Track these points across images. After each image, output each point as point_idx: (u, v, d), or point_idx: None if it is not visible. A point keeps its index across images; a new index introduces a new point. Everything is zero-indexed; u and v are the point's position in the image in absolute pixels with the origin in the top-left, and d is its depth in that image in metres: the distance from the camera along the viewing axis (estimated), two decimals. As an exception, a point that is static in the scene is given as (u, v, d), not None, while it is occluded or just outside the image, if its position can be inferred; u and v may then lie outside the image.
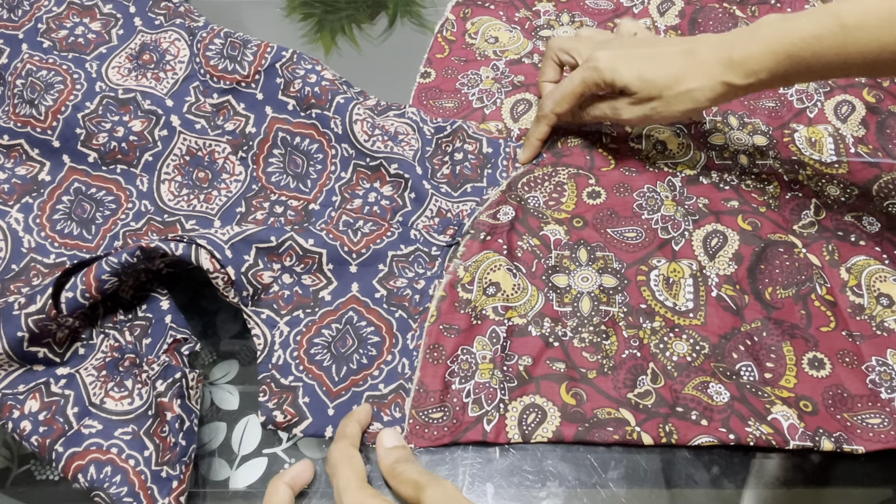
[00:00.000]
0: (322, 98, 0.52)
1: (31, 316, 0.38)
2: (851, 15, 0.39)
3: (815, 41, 0.40)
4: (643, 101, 0.47)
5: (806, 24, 0.41)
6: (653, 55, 0.46)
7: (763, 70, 0.43)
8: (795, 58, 0.41)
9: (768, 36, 0.42)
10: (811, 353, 0.45)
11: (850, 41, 0.40)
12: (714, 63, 0.44)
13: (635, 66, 0.46)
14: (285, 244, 0.43)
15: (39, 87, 0.51)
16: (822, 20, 0.40)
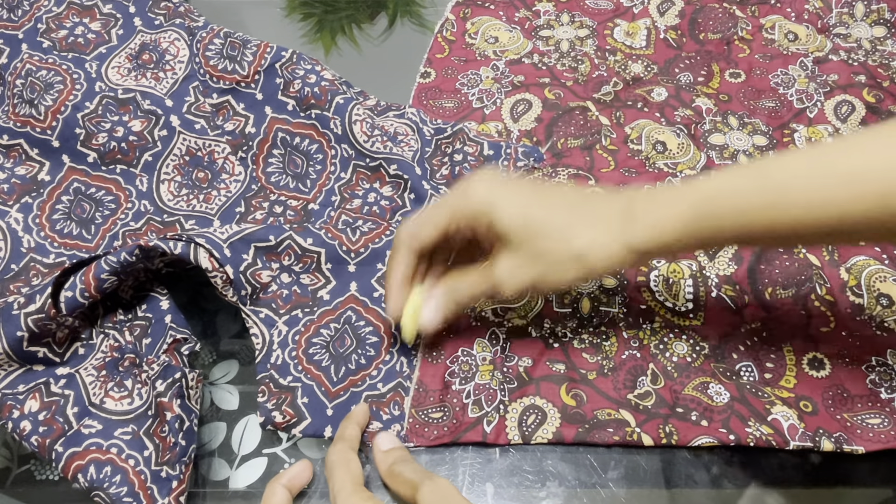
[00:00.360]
0: (322, 98, 0.52)
1: (30, 315, 0.38)
2: (779, 172, 0.33)
3: (736, 198, 0.33)
4: (525, 261, 0.37)
5: (725, 178, 0.34)
6: (540, 193, 0.37)
7: (670, 230, 0.35)
8: (711, 218, 0.34)
9: (676, 191, 0.35)
10: (811, 353, 0.45)
11: (777, 201, 0.33)
12: (611, 214, 0.36)
13: (519, 204, 0.36)
14: (284, 243, 0.43)
15: (39, 86, 0.51)
16: (743, 175, 0.34)
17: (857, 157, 0.32)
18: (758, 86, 0.59)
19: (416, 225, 0.38)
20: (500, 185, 0.37)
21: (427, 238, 0.38)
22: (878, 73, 0.59)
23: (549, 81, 0.59)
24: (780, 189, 0.33)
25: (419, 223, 0.38)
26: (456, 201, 0.38)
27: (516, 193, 0.37)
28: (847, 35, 0.62)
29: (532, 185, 0.38)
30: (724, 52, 0.61)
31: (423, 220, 0.38)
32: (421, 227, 0.38)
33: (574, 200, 0.37)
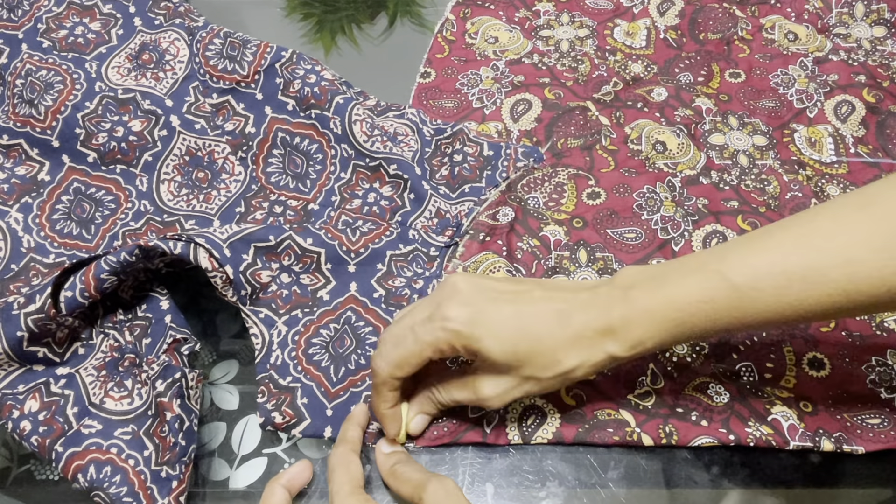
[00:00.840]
0: (321, 98, 0.52)
1: (30, 315, 0.38)
2: (740, 276, 0.34)
3: (705, 305, 0.34)
4: (513, 383, 0.37)
5: (692, 288, 0.35)
6: (522, 315, 0.36)
7: (649, 339, 0.35)
8: (686, 325, 0.35)
9: (649, 303, 0.35)
10: (811, 353, 0.45)
11: (746, 303, 0.34)
12: (593, 333, 0.36)
13: (504, 334, 0.36)
14: (284, 243, 0.43)
15: (39, 86, 0.51)
16: (708, 283, 0.34)
17: (814, 254, 0.33)
18: (758, 86, 0.59)
19: (395, 362, 0.37)
20: (480, 312, 0.36)
21: (408, 373, 0.38)
22: (878, 73, 0.59)
23: (549, 81, 0.59)
24: (748, 295, 0.34)
25: (398, 360, 0.37)
26: (436, 335, 0.36)
27: (500, 321, 0.36)
28: (847, 35, 0.62)
29: (510, 300, 0.37)
30: (724, 52, 0.61)
31: (402, 355, 0.37)
32: (400, 364, 0.37)
33: (555, 316, 0.36)
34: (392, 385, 0.38)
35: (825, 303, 0.33)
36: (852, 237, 0.32)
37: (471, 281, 0.37)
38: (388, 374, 0.37)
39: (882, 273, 0.32)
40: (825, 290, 0.33)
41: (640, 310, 0.35)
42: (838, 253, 0.32)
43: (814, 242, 0.33)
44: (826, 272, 0.32)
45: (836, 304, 0.33)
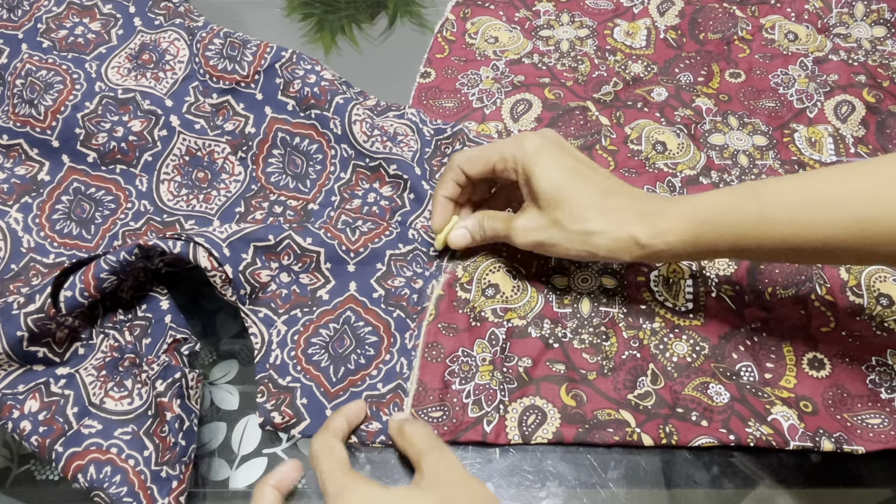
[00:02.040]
0: (321, 98, 0.52)
1: (30, 315, 0.38)
2: (769, 192, 0.37)
3: (731, 209, 0.37)
4: (543, 223, 0.41)
5: (723, 193, 0.39)
6: (580, 170, 0.41)
7: (671, 233, 0.38)
8: (707, 224, 0.38)
9: (683, 202, 0.39)
10: (811, 353, 0.45)
11: (766, 217, 0.36)
12: (627, 212, 0.40)
13: (559, 171, 0.41)
14: (283, 243, 0.43)
15: (39, 86, 0.51)
16: (739, 191, 0.38)
17: (838, 185, 0.36)
18: (758, 86, 0.59)
19: (471, 155, 0.44)
20: (550, 147, 0.41)
21: (476, 167, 0.43)
22: (878, 73, 0.59)
23: (549, 81, 0.59)
24: (769, 207, 0.36)
25: (473, 154, 0.43)
26: (509, 147, 0.42)
27: (561, 161, 0.41)
28: (847, 35, 0.62)
29: (578, 158, 0.42)
30: (724, 52, 0.61)
31: (477, 152, 0.43)
32: (474, 157, 0.43)
33: (604, 187, 0.41)
34: (457, 174, 0.44)
35: (838, 234, 0.35)
36: (878, 179, 0.35)
37: (553, 134, 0.43)
38: (459, 163, 0.44)
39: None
40: (843, 220, 0.35)
41: (674, 205, 0.39)
42: (862, 188, 0.35)
43: (841, 174, 0.36)
44: (846, 202, 0.35)
45: (848, 237, 0.35)
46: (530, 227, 0.42)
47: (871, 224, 0.34)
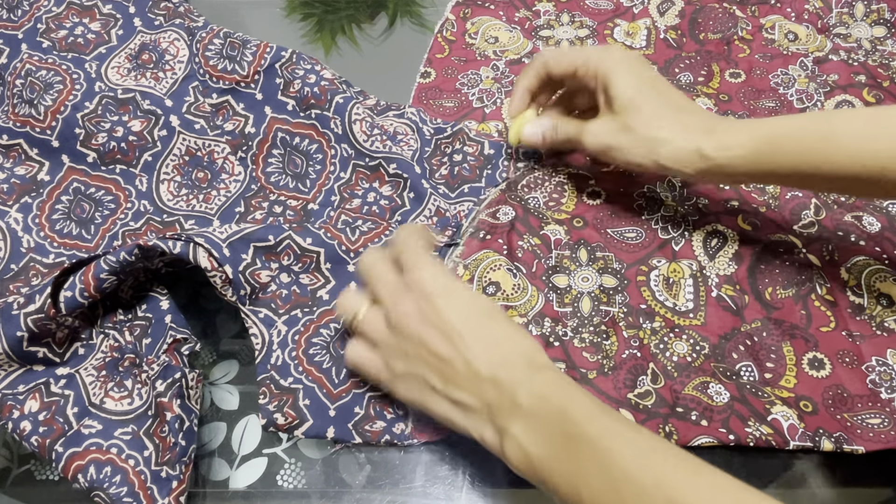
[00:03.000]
0: (321, 98, 0.52)
1: (30, 315, 0.38)
2: (841, 120, 0.39)
3: (800, 130, 0.39)
4: (614, 127, 0.44)
5: (794, 118, 0.40)
6: (658, 82, 0.44)
7: (738, 145, 0.40)
8: (774, 144, 0.40)
9: (752, 121, 0.41)
10: (811, 353, 0.45)
11: (834, 142, 0.38)
12: (697, 123, 0.42)
13: (638, 80, 0.43)
14: (283, 243, 0.43)
15: (39, 86, 0.51)
16: (810, 117, 0.40)
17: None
18: (758, 86, 0.59)
19: (557, 54, 0.47)
20: (634, 60, 0.45)
21: (561, 66, 0.47)
22: (878, 73, 0.59)
23: (548, 81, 0.59)
24: (839, 134, 0.38)
25: (560, 54, 0.47)
26: (595, 53, 0.45)
27: (641, 72, 0.44)
28: (847, 35, 0.62)
29: (658, 76, 0.45)
30: (724, 52, 0.61)
31: (564, 52, 0.47)
32: (561, 56, 0.47)
33: (678, 101, 0.43)
34: (540, 70, 0.48)
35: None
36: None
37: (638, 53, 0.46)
38: (545, 59, 0.47)
39: None
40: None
41: (743, 123, 0.41)
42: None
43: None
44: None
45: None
46: (601, 131, 0.44)
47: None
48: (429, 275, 0.37)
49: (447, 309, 0.36)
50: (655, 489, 0.30)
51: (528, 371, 0.35)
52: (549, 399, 0.34)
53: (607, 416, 0.33)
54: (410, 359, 0.37)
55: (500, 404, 0.34)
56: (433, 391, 0.36)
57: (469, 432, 0.36)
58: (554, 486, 0.32)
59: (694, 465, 0.31)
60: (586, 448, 0.32)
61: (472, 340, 0.35)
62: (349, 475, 0.41)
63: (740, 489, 0.30)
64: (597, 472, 0.31)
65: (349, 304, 0.40)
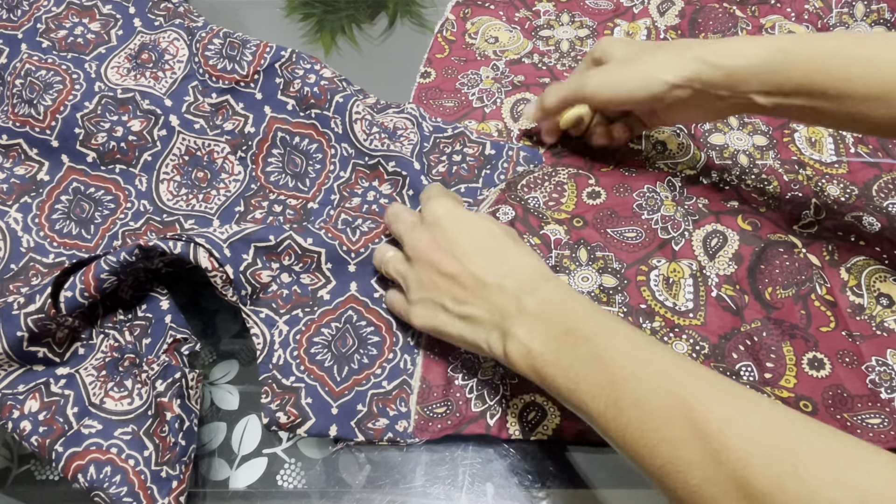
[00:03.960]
0: (321, 98, 0.52)
1: (30, 315, 0.38)
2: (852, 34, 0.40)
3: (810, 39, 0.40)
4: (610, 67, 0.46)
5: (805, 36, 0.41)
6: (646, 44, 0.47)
7: (744, 53, 0.41)
8: (784, 53, 0.40)
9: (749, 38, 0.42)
10: (811, 353, 0.45)
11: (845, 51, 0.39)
12: (693, 43, 0.43)
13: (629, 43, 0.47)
14: (284, 243, 0.43)
15: (38, 86, 0.51)
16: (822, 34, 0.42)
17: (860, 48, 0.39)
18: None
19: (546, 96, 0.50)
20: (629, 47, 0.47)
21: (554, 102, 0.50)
22: (877, 72, 0.59)
23: (549, 81, 0.59)
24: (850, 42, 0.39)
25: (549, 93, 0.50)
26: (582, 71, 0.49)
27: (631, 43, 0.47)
28: (847, 35, 0.63)
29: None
30: (724, 52, 0.61)
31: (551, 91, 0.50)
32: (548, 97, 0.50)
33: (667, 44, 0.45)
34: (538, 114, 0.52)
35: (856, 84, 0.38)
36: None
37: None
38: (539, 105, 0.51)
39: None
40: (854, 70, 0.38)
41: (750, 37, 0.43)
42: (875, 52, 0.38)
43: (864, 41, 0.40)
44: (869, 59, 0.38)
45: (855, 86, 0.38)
46: (599, 72, 0.46)
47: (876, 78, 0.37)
48: (440, 204, 0.40)
49: (456, 232, 0.38)
50: (649, 378, 0.30)
51: (533, 281, 0.36)
52: (552, 302, 0.35)
53: (606, 316, 0.34)
54: (424, 285, 0.39)
55: (506, 309, 0.36)
56: (445, 311, 0.38)
57: (477, 344, 0.37)
58: (552, 380, 0.33)
59: (686, 360, 0.32)
60: (584, 343, 0.33)
61: (479, 257, 0.37)
62: (349, 475, 0.41)
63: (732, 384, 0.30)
64: (594, 366, 0.32)
65: (379, 253, 0.43)
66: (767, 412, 0.28)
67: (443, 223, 0.39)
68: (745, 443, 0.27)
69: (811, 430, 0.27)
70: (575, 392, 0.32)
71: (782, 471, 0.26)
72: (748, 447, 0.27)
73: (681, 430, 0.28)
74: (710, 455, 0.27)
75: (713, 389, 0.30)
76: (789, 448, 0.26)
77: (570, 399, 0.33)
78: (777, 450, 0.26)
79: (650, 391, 0.30)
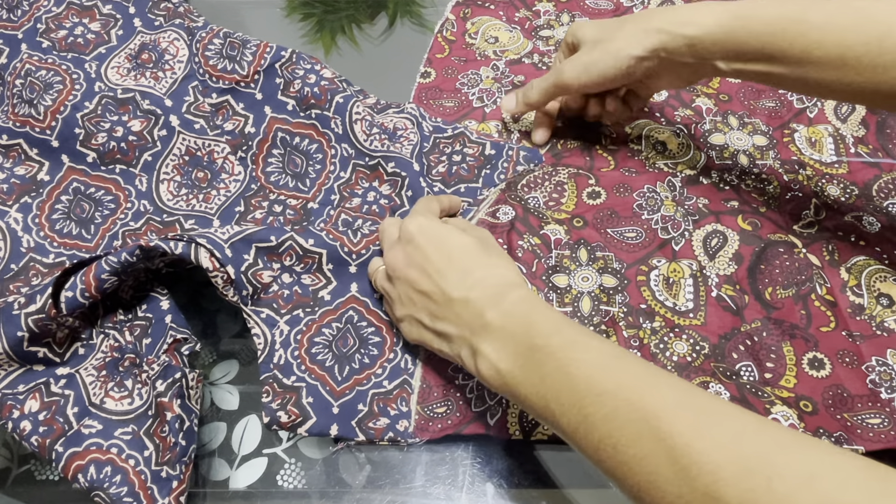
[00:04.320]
0: (322, 98, 0.52)
1: (30, 315, 0.38)
2: (813, 4, 0.39)
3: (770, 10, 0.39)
4: (584, 51, 0.47)
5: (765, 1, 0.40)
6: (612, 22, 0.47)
7: (701, 22, 0.41)
8: (743, 19, 0.40)
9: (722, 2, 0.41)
10: (811, 353, 0.45)
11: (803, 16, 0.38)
12: (655, 13, 0.44)
13: (595, 26, 0.47)
14: (285, 244, 0.43)
15: (38, 86, 0.51)
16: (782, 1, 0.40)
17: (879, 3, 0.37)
18: (758, 86, 0.59)
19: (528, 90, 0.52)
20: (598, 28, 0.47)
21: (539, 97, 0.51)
22: (877, 73, 0.59)
23: (549, 81, 0.59)
24: (809, 7, 0.38)
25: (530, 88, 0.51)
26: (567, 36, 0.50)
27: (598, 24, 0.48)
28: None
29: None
30: (724, 52, 0.61)
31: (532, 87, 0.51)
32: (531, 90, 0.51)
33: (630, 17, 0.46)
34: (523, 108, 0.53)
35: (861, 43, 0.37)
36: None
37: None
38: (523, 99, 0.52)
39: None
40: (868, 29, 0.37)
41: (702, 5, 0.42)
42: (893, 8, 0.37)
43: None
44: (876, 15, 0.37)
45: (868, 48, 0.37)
46: (574, 60, 0.47)
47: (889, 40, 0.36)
48: (414, 221, 0.40)
49: (428, 248, 0.38)
50: (617, 392, 0.30)
51: (497, 292, 0.36)
52: (516, 316, 0.34)
53: (572, 329, 0.34)
54: (403, 301, 0.39)
55: (472, 324, 0.35)
56: (425, 328, 0.39)
57: (455, 360, 0.37)
58: (525, 398, 0.33)
59: (655, 370, 0.31)
60: (551, 360, 0.32)
61: (450, 271, 0.37)
62: (349, 475, 0.41)
63: (702, 394, 0.30)
64: (562, 382, 0.31)
65: (371, 266, 0.44)
66: (737, 422, 0.28)
67: (417, 240, 0.39)
68: (714, 455, 0.26)
69: (782, 439, 0.27)
70: (546, 409, 0.32)
71: (755, 484, 0.25)
72: (718, 460, 0.26)
73: (651, 445, 0.28)
74: (682, 471, 0.27)
75: (681, 400, 0.29)
76: (761, 459, 0.26)
77: (543, 416, 0.32)
78: (749, 462, 0.26)
79: (618, 404, 0.29)
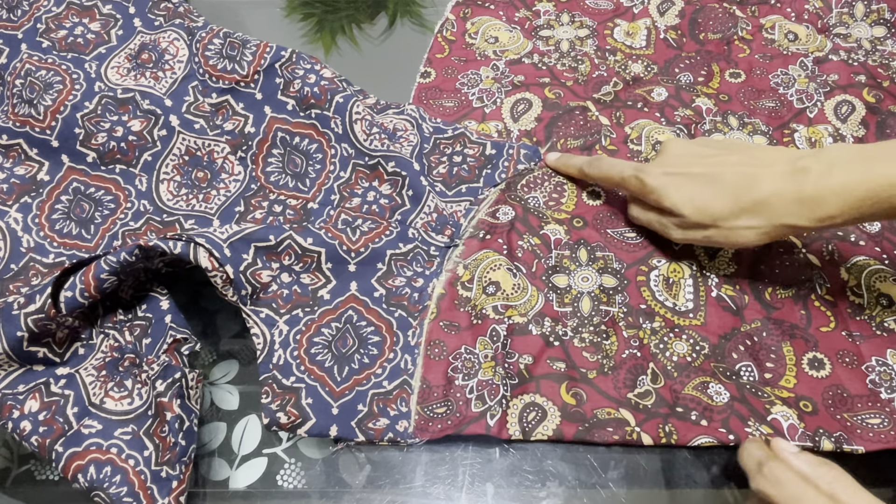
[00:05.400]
0: (322, 98, 0.52)
1: (30, 315, 0.38)
2: None
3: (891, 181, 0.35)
4: (694, 227, 0.42)
5: (878, 163, 0.36)
6: (710, 177, 0.41)
7: (839, 215, 0.37)
8: (870, 200, 0.36)
9: (847, 181, 0.36)
10: (811, 353, 0.45)
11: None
12: (779, 200, 0.38)
13: (687, 191, 0.42)
14: (284, 243, 0.43)
15: (38, 86, 0.51)
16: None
17: None
18: (758, 86, 0.59)
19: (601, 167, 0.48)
20: (671, 171, 0.43)
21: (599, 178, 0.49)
22: (878, 73, 0.59)
23: (549, 81, 0.59)
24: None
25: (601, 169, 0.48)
26: (630, 177, 0.45)
27: (687, 177, 0.42)
28: (847, 35, 0.63)
29: (702, 160, 0.42)
30: (724, 52, 0.61)
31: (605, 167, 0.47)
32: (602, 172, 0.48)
33: (744, 182, 0.40)
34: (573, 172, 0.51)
35: None
36: None
37: (680, 146, 0.45)
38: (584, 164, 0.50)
39: None
40: None
41: (837, 186, 0.36)
42: None
43: None
44: None
45: None
46: (684, 227, 0.43)
47: None
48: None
49: None
50: None
51: None
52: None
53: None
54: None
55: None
56: None
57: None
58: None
59: None
60: None
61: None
62: (349, 475, 0.41)
63: None
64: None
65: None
66: None
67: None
68: None
69: None
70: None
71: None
72: None
73: None
74: None
75: None
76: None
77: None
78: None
79: None
